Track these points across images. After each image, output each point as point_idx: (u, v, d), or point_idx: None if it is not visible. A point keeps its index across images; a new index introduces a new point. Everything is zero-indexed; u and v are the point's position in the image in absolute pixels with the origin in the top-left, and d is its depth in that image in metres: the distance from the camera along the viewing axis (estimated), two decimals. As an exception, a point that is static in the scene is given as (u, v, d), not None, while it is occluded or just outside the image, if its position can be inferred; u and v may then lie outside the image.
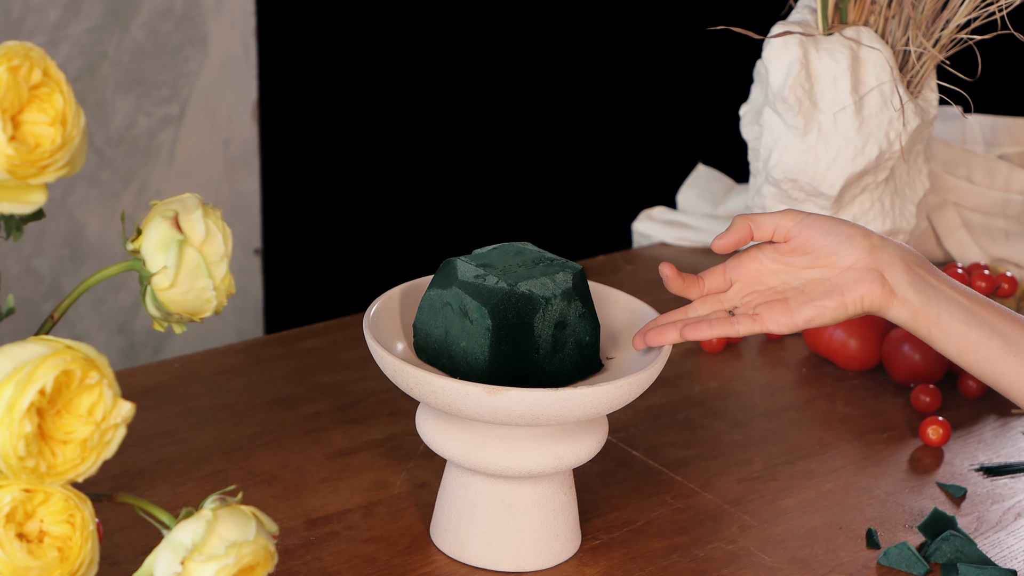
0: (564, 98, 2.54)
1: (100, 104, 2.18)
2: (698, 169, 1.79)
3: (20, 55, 0.82)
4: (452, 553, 1.14)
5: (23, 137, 0.82)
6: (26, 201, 0.84)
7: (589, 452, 1.11)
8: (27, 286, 2.17)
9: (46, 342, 0.83)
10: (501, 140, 2.58)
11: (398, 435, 1.29)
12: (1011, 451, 1.33)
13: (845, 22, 1.47)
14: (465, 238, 2.43)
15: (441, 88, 2.55)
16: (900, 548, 1.15)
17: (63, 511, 0.85)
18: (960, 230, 1.65)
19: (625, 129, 2.54)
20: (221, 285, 0.90)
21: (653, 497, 1.23)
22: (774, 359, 1.48)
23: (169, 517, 0.88)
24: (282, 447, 1.27)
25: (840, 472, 1.28)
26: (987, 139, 1.73)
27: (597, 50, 2.50)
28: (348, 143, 2.56)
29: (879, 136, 1.45)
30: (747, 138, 1.52)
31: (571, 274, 1.09)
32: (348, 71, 2.52)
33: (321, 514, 1.18)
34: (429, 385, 1.04)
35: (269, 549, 0.88)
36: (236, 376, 1.38)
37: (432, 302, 1.10)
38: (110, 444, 0.84)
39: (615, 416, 1.33)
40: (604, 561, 1.15)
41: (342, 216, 2.59)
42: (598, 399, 1.05)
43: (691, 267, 1.67)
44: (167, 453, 1.25)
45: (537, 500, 1.12)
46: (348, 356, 1.42)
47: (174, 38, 2.24)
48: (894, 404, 1.40)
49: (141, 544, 1.11)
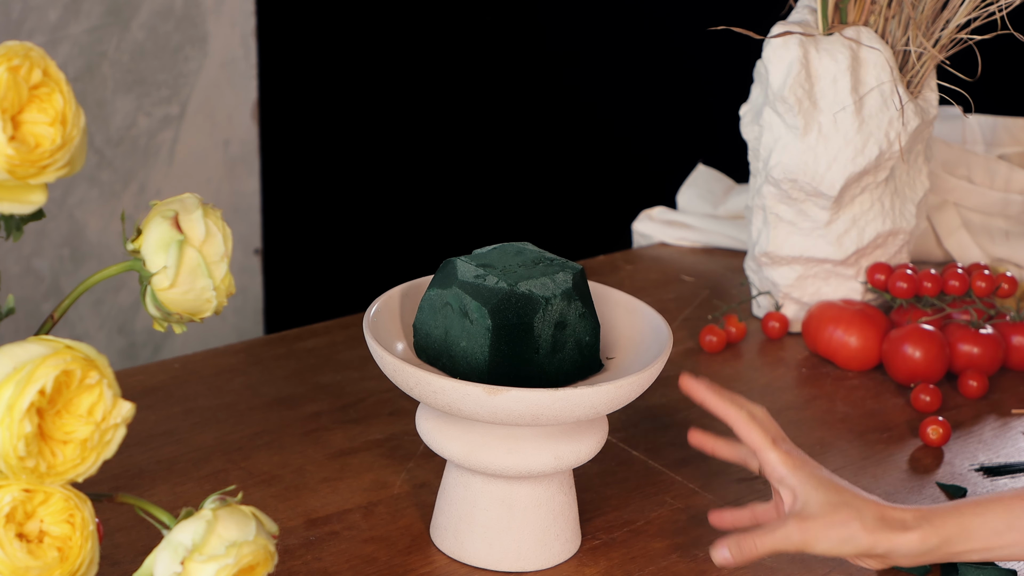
0: (564, 98, 2.54)
1: (100, 104, 2.18)
2: (698, 169, 1.79)
3: (20, 55, 0.82)
4: (452, 553, 1.14)
5: (23, 137, 0.82)
6: (26, 201, 0.84)
7: (589, 452, 1.11)
8: (27, 286, 2.17)
9: (46, 342, 0.83)
10: (501, 140, 2.58)
11: (398, 435, 1.29)
12: (1011, 451, 1.33)
13: (845, 22, 1.47)
14: (465, 238, 2.42)
15: (441, 88, 2.55)
16: (900, 548, 1.15)
17: (63, 511, 0.85)
18: (960, 230, 1.65)
19: (625, 129, 2.54)
20: (221, 285, 0.90)
21: (653, 497, 1.23)
22: (774, 359, 1.48)
23: (169, 517, 0.88)
24: (282, 447, 1.27)
25: (840, 472, 1.28)
26: (987, 139, 1.73)
27: (597, 50, 2.50)
28: (348, 143, 2.56)
29: (879, 136, 1.45)
30: (747, 138, 1.52)
31: (571, 274, 1.09)
32: (348, 71, 2.52)
33: (321, 514, 1.18)
34: (429, 385, 1.04)
35: (269, 549, 0.88)
36: (236, 376, 1.38)
37: (432, 302, 1.10)
38: (110, 444, 0.84)
39: (615, 416, 1.33)
40: (604, 561, 1.15)
41: (342, 216, 2.59)
42: (598, 399, 1.05)
43: (691, 267, 1.67)
44: (167, 453, 1.25)
45: (537, 500, 1.12)
46: (348, 356, 1.42)
47: (174, 38, 2.24)
48: (894, 404, 1.40)
49: (141, 544, 1.11)
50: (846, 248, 1.49)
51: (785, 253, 1.50)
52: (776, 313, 1.52)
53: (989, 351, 1.42)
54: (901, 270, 1.48)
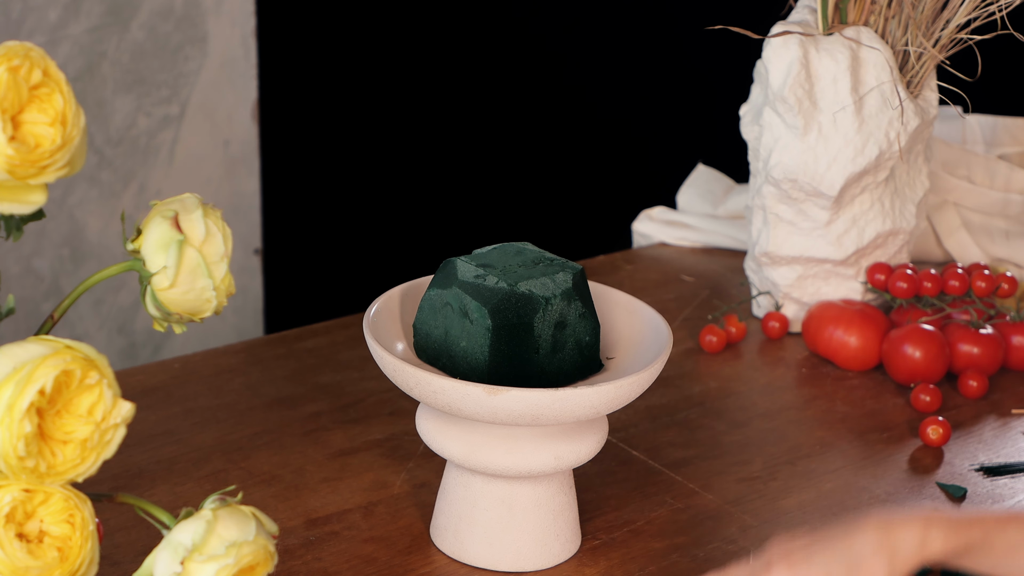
0: (564, 98, 2.54)
1: (100, 104, 2.18)
2: (698, 169, 1.79)
3: (20, 55, 0.82)
4: (452, 553, 1.14)
5: (23, 137, 0.82)
6: (26, 201, 0.84)
7: (589, 452, 1.11)
8: (27, 286, 2.17)
9: (46, 342, 0.83)
10: (501, 140, 2.58)
11: (398, 435, 1.29)
12: (1011, 451, 1.33)
13: (845, 22, 1.47)
14: (465, 238, 2.42)
15: (441, 88, 2.55)
16: (900, 548, 1.15)
17: (63, 511, 0.85)
18: (960, 230, 1.65)
19: (625, 129, 2.54)
20: (221, 285, 0.90)
21: (653, 497, 1.23)
22: (774, 359, 1.48)
23: (169, 517, 0.88)
24: (282, 447, 1.27)
25: (840, 472, 1.28)
26: (987, 139, 1.73)
27: (597, 50, 2.50)
28: (348, 143, 2.56)
29: (879, 136, 1.45)
30: (747, 138, 1.52)
31: (571, 274, 1.09)
32: (348, 71, 2.52)
33: (321, 514, 1.18)
34: (429, 385, 1.04)
35: (269, 549, 0.88)
36: (236, 376, 1.38)
37: (432, 302, 1.10)
38: (110, 444, 0.84)
39: (615, 416, 1.33)
40: (604, 561, 1.15)
41: (342, 216, 2.59)
42: (598, 399, 1.05)
43: (691, 267, 1.67)
44: (167, 453, 1.25)
45: (537, 500, 1.12)
46: (348, 356, 1.42)
47: (174, 38, 2.24)
48: (894, 404, 1.40)
49: (141, 544, 1.11)
50: (846, 248, 1.49)
51: (785, 253, 1.50)
52: (776, 313, 1.52)
53: (989, 351, 1.42)
54: (901, 270, 1.48)
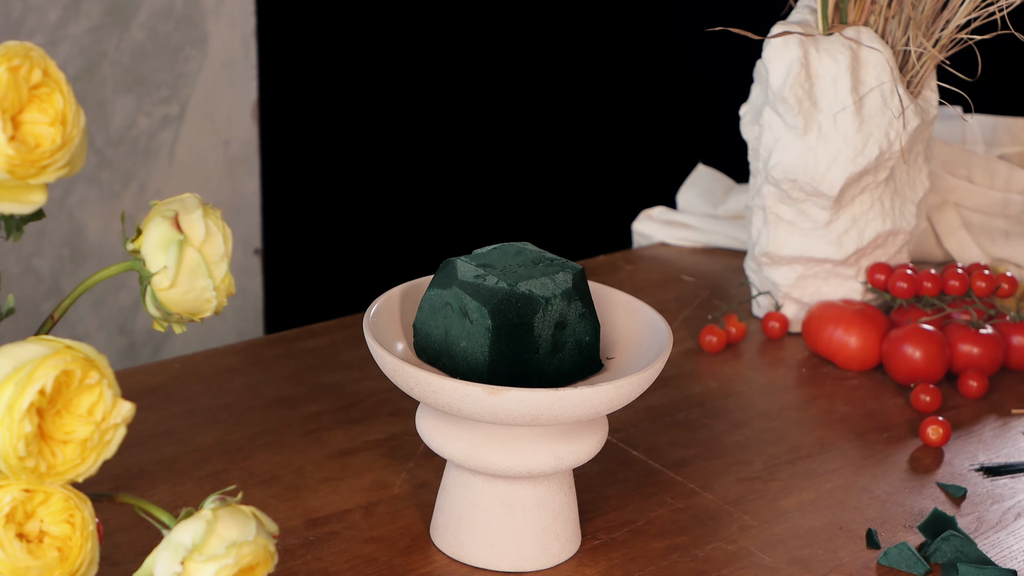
0: (564, 98, 2.54)
1: (100, 104, 2.18)
2: (698, 169, 1.79)
3: (20, 55, 0.82)
4: (452, 553, 1.14)
5: (23, 137, 0.82)
6: (26, 201, 0.84)
7: (589, 452, 1.11)
8: (27, 286, 2.17)
9: (46, 342, 0.83)
10: (501, 140, 2.58)
11: (398, 435, 1.29)
12: (1011, 451, 1.33)
13: (845, 22, 1.47)
14: (465, 238, 2.43)
15: (441, 88, 2.55)
16: (900, 548, 1.15)
17: (63, 511, 0.85)
18: (960, 230, 1.65)
19: (625, 129, 2.54)
20: (221, 285, 0.90)
21: (653, 497, 1.23)
22: (774, 359, 1.48)
23: (169, 517, 0.88)
24: (282, 447, 1.27)
25: (840, 472, 1.28)
26: (987, 139, 1.73)
27: (597, 50, 2.50)
28: (348, 143, 2.56)
29: (879, 136, 1.45)
30: (747, 138, 1.52)
31: (571, 274, 1.09)
32: (348, 71, 2.52)
33: (321, 514, 1.18)
34: (429, 385, 1.04)
35: (269, 549, 0.88)
36: (236, 376, 1.38)
37: (432, 302, 1.10)
38: (110, 444, 0.84)
39: (615, 416, 1.33)
40: (604, 561, 1.15)
41: (342, 216, 2.59)
42: (598, 399, 1.05)
43: (691, 267, 1.67)
44: (167, 453, 1.25)
45: (537, 500, 1.12)
46: (348, 356, 1.42)
47: (174, 38, 2.24)
48: (894, 404, 1.40)
49: (141, 544, 1.11)
50: (846, 248, 1.49)
51: (785, 253, 1.50)
52: (776, 313, 1.52)
53: (989, 351, 1.43)
54: (901, 270, 1.48)
